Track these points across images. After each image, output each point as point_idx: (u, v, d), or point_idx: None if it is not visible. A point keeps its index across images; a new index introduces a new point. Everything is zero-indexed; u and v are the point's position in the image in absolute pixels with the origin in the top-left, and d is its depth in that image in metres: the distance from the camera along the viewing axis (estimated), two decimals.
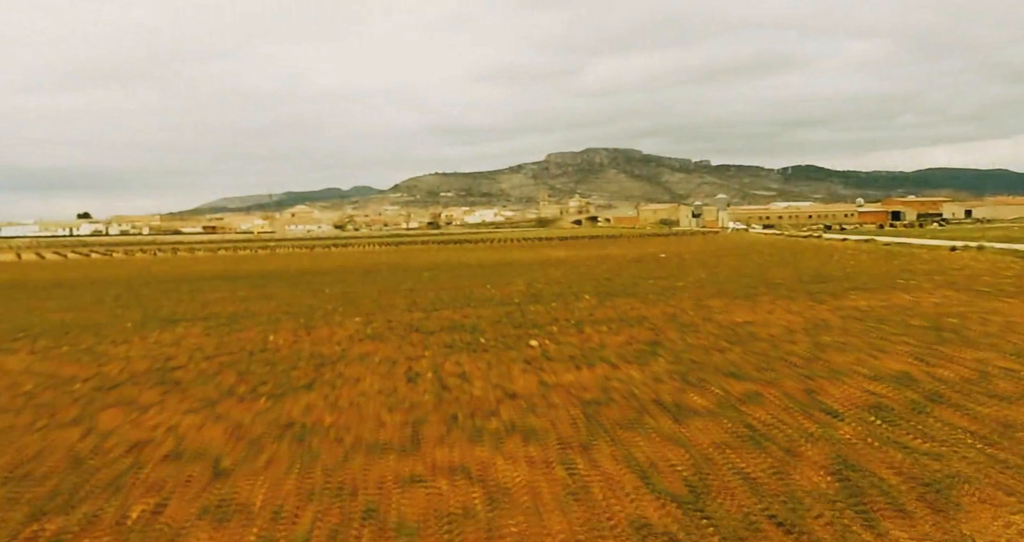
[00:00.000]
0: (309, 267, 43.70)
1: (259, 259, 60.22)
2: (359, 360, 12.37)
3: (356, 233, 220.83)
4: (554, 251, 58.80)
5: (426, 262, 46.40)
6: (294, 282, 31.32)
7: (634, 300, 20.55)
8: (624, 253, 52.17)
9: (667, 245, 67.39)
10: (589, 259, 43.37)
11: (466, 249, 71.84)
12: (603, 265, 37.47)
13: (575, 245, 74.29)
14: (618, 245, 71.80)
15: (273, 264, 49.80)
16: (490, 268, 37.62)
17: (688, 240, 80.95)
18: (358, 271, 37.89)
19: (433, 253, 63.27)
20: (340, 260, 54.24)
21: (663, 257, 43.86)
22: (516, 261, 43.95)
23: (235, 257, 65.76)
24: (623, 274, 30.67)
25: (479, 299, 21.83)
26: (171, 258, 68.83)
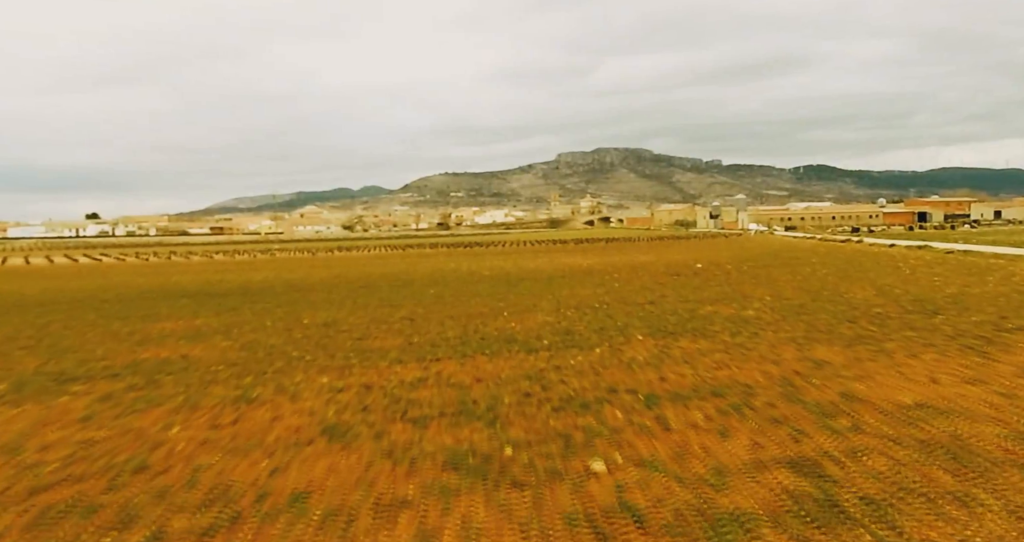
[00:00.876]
0: (301, 279, 38.29)
1: (253, 266, 54.89)
2: (289, 510, 6.85)
3: (365, 234, 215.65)
4: (573, 258, 53.18)
5: (432, 271, 40.93)
6: (274, 303, 25.89)
7: (705, 342, 14.98)
8: (652, 261, 46.55)
9: (694, 250, 61.70)
10: (617, 270, 37.75)
11: (476, 254, 66.31)
12: (636, 279, 31.87)
13: (594, 250, 68.69)
14: (640, 250, 66.14)
15: (264, 273, 44.44)
16: (505, 282, 32.07)
17: (713, 244, 75.19)
18: (354, 285, 32.43)
19: (441, 259, 57.78)
20: (339, 268, 48.84)
21: (700, 267, 38.25)
22: (534, 272, 38.37)
23: (228, 264, 60.47)
24: (666, 293, 25.07)
25: (495, 338, 16.31)
26: (161, 264, 63.60)
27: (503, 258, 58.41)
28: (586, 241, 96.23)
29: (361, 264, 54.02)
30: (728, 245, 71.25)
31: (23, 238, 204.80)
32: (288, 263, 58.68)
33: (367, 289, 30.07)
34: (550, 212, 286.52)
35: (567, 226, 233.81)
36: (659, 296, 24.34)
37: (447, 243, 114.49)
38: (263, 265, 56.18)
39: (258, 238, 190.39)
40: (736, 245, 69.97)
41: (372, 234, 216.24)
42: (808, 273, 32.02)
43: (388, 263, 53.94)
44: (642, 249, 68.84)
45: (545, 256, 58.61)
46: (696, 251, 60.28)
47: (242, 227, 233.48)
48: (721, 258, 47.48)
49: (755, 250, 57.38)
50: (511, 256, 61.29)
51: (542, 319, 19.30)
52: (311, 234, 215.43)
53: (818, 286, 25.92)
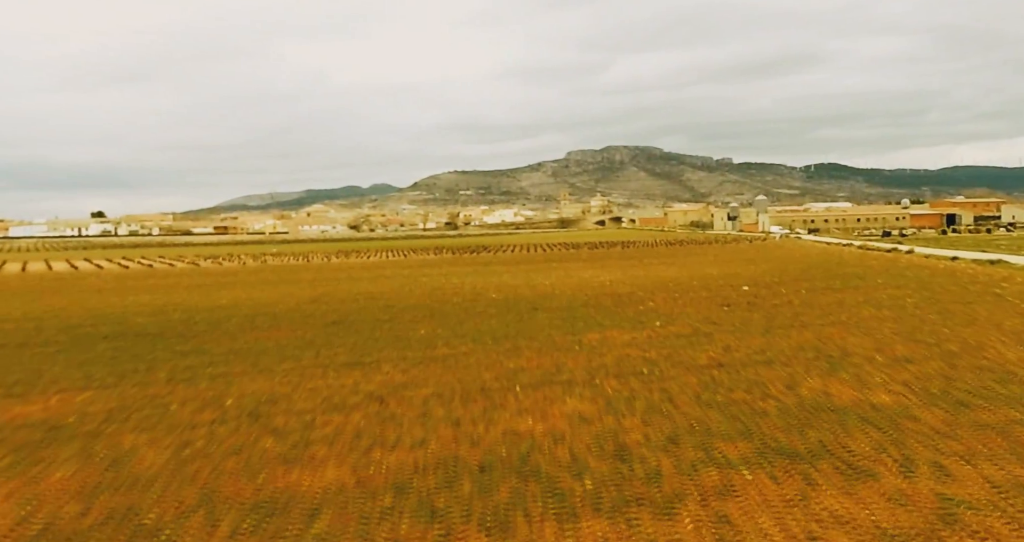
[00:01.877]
0: (271, 305, 31.92)
1: (231, 280, 48.62)
2: None
3: (371, 234, 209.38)
4: (591, 270, 46.60)
5: (430, 292, 34.47)
6: (211, 355, 19.55)
7: (864, 488, 8.54)
8: (684, 278, 39.99)
9: (724, 260, 55.05)
10: (648, 293, 31.12)
11: (484, 263, 59.83)
12: (679, 311, 25.31)
13: (611, 258, 62.03)
14: (662, 258, 59.48)
15: (236, 293, 38.11)
16: (515, 313, 25.57)
17: (741, 251, 68.47)
18: (329, 319, 26.03)
19: (444, 269, 51.36)
20: (326, 284, 42.51)
21: (747, 291, 31.70)
22: (550, 296, 31.83)
23: (207, 276, 54.21)
24: (731, 343, 18.56)
25: (502, 465, 9.89)
26: (135, 275, 57.41)
27: (513, 269, 51.93)
28: (600, 245, 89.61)
29: (353, 277, 47.67)
30: (759, 253, 64.54)
31: (25, 237, 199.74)
32: (274, 275, 52.36)
33: (342, 327, 23.61)
34: (560, 211, 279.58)
35: (578, 226, 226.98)
36: (724, 350, 17.82)
37: (454, 246, 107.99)
38: (244, 278, 49.91)
39: (261, 238, 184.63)
40: (768, 253, 63.24)
41: (378, 234, 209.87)
42: (892, 304, 25.43)
43: (384, 276, 47.52)
44: (664, 257, 62.23)
45: (559, 268, 52.08)
46: (727, 261, 53.64)
47: (248, 226, 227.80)
48: (763, 274, 40.88)
49: (795, 261, 50.67)
50: (522, 267, 54.80)
51: (573, 407, 12.79)
52: (316, 234, 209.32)
53: (930, 333, 19.34)
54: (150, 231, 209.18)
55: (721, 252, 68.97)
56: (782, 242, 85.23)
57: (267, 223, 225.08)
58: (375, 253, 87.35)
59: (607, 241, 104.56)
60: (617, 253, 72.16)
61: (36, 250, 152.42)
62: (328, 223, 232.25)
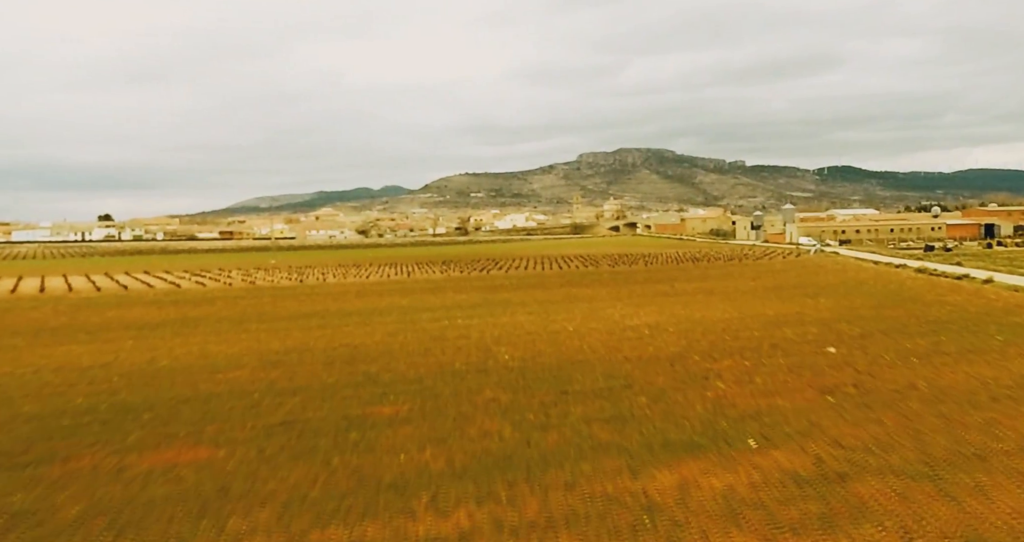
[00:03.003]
0: (223, 367, 24.73)
1: (201, 314, 41.56)
2: None
3: (379, 240, 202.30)
4: (623, 308, 39.02)
5: (425, 350, 27.12)
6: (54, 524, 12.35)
7: None
8: (738, 319, 32.52)
9: (768, 286, 47.46)
10: (712, 359, 23.59)
11: (494, 291, 52.41)
12: (776, 414, 17.86)
13: (638, 282, 54.44)
14: (698, 284, 51.90)
15: (188, 345, 30.92)
16: (537, 414, 18.07)
17: (777, 271, 60.74)
18: (280, 408, 18.77)
19: (448, 304, 44.09)
20: (304, 329, 35.37)
21: (834, 354, 24.25)
22: (579, 359, 24.40)
23: (180, 304, 47.12)
24: (916, 514, 11.18)
25: None
26: (105, 300, 50.40)
27: (527, 298, 44.59)
28: (621, 260, 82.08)
29: (343, 314, 40.48)
30: (803, 276, 56.87)
31: (27, 242, 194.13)
32: (252, 306, 45.21)
33: (290, 437, 16.23)
34: (572, 215, 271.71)
35: (591, 232, 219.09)
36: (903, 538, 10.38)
37: (463, 257, 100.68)
38: (216, 312, 42.84)
39: (266, 244, 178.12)
40: (815, 277, 55.53)
41: (386, 240, 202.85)
42: None
43: (378, 311, 40.20)
44: (698, 280, 54.67)
45: (582, 298, 44.66)
46: (774, 290, 46.06)
47: (254, 231, 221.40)
48: (831, 315, 33.34)
49: (856, 292, 43.02)
50: (537, 294, 47.43)
51: None
52: (323, 240, 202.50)
53: None
54: (154, 236, 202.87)
55: (759, 273, 61.32)
56: (819, 259, 77.42)
57: (274, 228, 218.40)
58: (378, 269, 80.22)
59: (627, 254, 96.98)
60: (642, 273, 64.60)
61: (32, 258, 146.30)
62: (336, 228, 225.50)
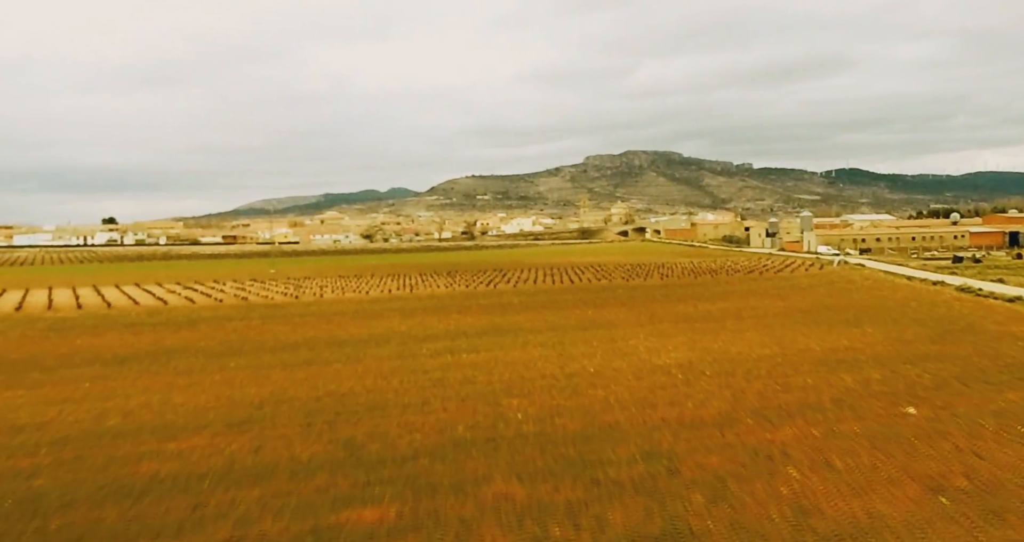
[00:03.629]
0: (176, 433, 20.66)
1: (177, 344, 37.52)
2: None
3: (384, 245, 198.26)
4: (648, 339, 34.73)
5: (423, 401, 22.93)
6: None
7: None
8: (782, 357, 28.27)
9: (802, 310, 43.13)
10: (769, 422, 19.37)
11: (502, 312, 48.13)
12: (878, 535, 13.67)
13: (657, 300, 50.12)
14: (722, 304, 47.60)
15: (148, 392, 26.86)
16: (565, 530, 13.92)
17: (804, 287, 56.29)
18: (245, 476, 14.70)
19: (451, 330, 39.91)
20: (286, 368, 31.29)
21: (915, 416, 19.98)
22: (611, 429, 20.15)
23: (159, 329, 43.06)
24: None
25: None
26: (78, 325, 46.39)
27: (538, 322, 40.42)
28: (635, 272, 77.73)
29: (333, 344, 36.34)
30: (835, 295, 52.47)
31: (27, 246, 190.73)
32: (237, 332, 41.11)
33: None
34: (579, 219, 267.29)
35: (599, 236, 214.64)
36: None
37: (469, 266, 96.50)
38: (196, 342, 38.80)
39: (269, 249, 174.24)
40: (848, 297, 51.10)
41: (392, 245, 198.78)
42: None
43: (373, 341, 35.99)
44: (721, 299, 50.36)
45: (599, 323, 40.41)
46: (810, 314, 41.70)
47: (258, 235, 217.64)
48: (886, 351, 29.05)
49: (901, 317, 38.65)
50: (548, 317, 43.20)
51: None
52: (328, 244, 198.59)
53: None
54: (157, 240, 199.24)
55: (785, 290, 56.91)
56: (844, 272, 72.96)
57: (277, 232, 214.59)
58: (379, 281, 76.10)
59: (639, 264, 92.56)
60: (659, 289, 60.25)
61: (31, 264, 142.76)
62: (341, 232, 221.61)
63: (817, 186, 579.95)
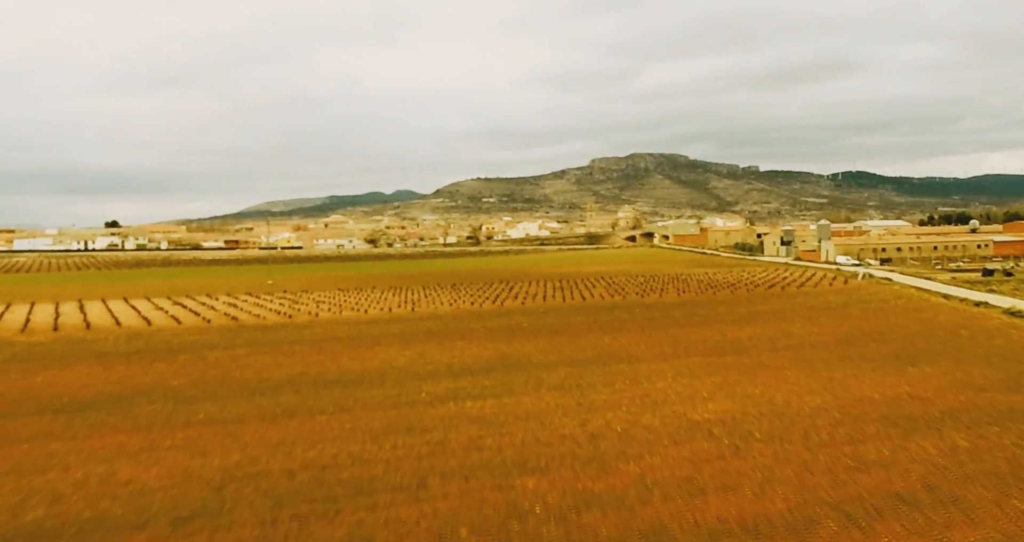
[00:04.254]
0: (123, 504, 16.55)
1: (142, 385, 33.40)
2: None
3: (388, 250, 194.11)
4: (676, 381, 30.43)
5: (418, 483, 18.81)
6: None
7: None
8: (838, 409, 24.04)
9: (842, 339, 38.80)
10: (856, 530, 15.23)
11: (511, 335, 43.85)
12: None
13: (678, 325, 45.80)
14: (752, 330, 43.30)
15: (83, 469, 22.72)
16: None
17: (832, 307, 51.87)
18: None
19: (454, 363, 35.69)
20: (262, 422, 27.15)
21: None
22: (660, 534, 16.04)
23: (134, 362, 38.93)
24: None
25: None
26: (44, 348, 42.30)
27: (551, 353, 36.21)
28: (649, 287, 73.40)
29: (308, 399, 32.20)
30: (876, 319, 48.05)
31: (27, 251, 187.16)
32: (218, 366, 36.99)
33: None
34: (586, 224, 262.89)
35: (607, 242, 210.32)
36: None
37: (474, 276, 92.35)
38: (167, 381, 34.73)
39: (271, 255, 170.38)
40: (889, 320, 46.66)
41: (396, 250, 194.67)
42: None
43: (362, 382, 31.82)
44: (748, 323, 46.08)
45: (621, 357, 36.15)
46: (853, 346, 37.36)
47: (261, 239, 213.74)
48: (962, 405, 24.74)
49: (970, 356, 34.22)
50: (563, 349, 38.97)
51: None
52: (331, 250, 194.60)
53: None
54: (158, 245, 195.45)
55: (815, 310, 52.49)
56: (873, 288, 68.48)
57: (280, 237, 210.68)
58: (380, 295, 71.95)
59: (651, 275, 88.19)
60: (677, 308, 55.89)
61: (27, 271, 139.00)
62: (345, 236, 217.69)
63: (824, 189, 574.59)
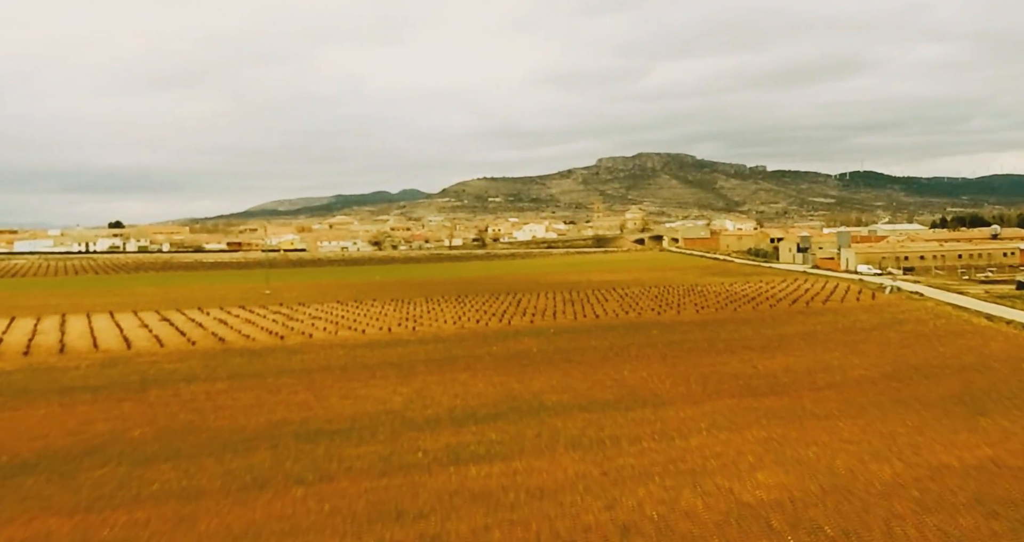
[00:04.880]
0: None
1: (101, 432, 29.20)
2: None
3: (392, 253, 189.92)
4: (714, 436, 26.04)
5: None
6: None
7: None
8: (913, 477, 19.66)
9: (901, 378, 34.36)
10: None
11: (521, 354, 39.48)
12: None
13: (703, 351, 41.41)
14: (783, 356, 38.89)
15: None
16: None
17: (864, 323, 47.37)
18: None
19: (459, 404, 31.35)
20: (235, 496, 22.91)
21: None
22: None
23: (105, 390, 34.62)
24: None
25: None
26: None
27: (564, 395, 31.93)
28: (665, 302, 68.98)
29: (286, 461, 27.99)
30: (921, 346, 43.53)
31: (27, 253, 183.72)
32: (179, 419, 32.72)
33: None
34: (593, 226, 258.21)
35: (615, 244, 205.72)
36: None
37: (480, 287, 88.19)
38: (123, 445, 30.56)
39: (274, 258, 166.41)
40: (935, 349, 42.12)
41: (400, 253, 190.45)
42: None
43: (350, 433, 27.51)
44: (779, 350, 41.68)
45: (645, 399, 31.77)
46: (904, 383, 32.91)
47: (264, 241, 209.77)
48: None
49: None
50: (577, 385, 34.63)
51: None
52: (335, 252, 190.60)
53: None
54: (160, 247, 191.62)
55: (849, 332, 47.98)
56: (905, 304, 63.87)
57: (284, 238, 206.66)
58: (381, 308, 67.74)
59: (666, 285, 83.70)
60: (698, 330, 51.42)
61: (23, 275, 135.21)
62: (349, 238, 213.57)
63: (831, 189, 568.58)
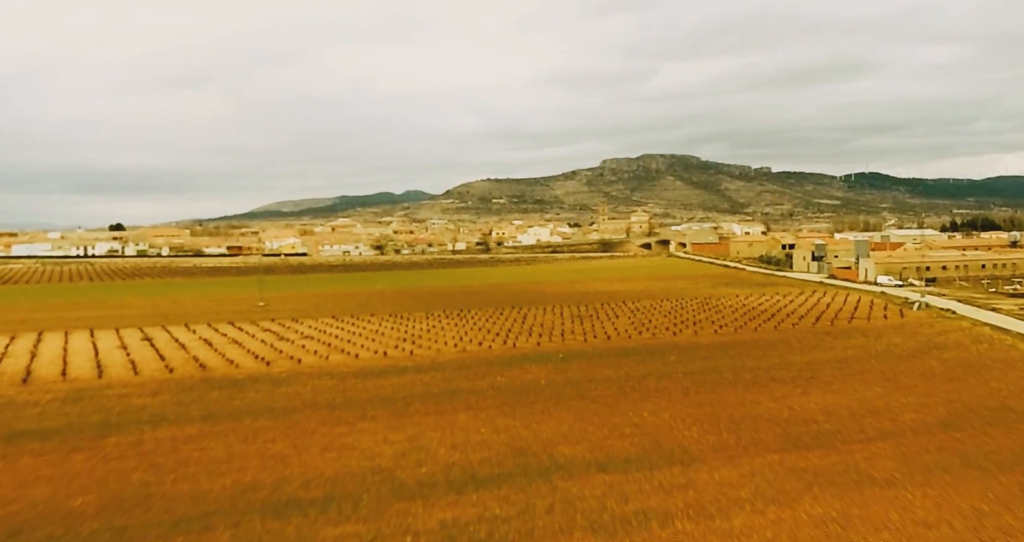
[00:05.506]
0: None
1: None
2: None
3: (395, 258, 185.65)
4: (772, 517, 21.79)
5: None
6: None
7: None
8: None
9: (937, 412, 30.02)
10: None
11: (527, 388, 35.12)
12: None
13: (727, 384, 36.99)
14: (817, 392, 34.55)
15: None
16: None
17: (900, 350, 42.96)
18: None
19: (459, 460, 27.06)
20: None
21: None
22: None
23: (43, 455, 30.42)
24: None
25: None
26: None
27: (579, 448, 27.63)
28: (680, 319, 64.60)
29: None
30: (973, 381, 39.11)
31: (24, 257, 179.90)
32: (125, 489, 28.51)
33: None
34: (599, 229, 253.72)
35: (621, 249, 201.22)
36: None
37: (483, 300, 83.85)
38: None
39: (274, 262, 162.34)
40: (989, 385, 37.65)
41: (403, 257, 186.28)
42: None
43: (326, 507, 23.24)
44: (812, 384, 37.34)
45: (676, 462, 27.48)
46: (969, 436, 28.54)
47: (267, 244, 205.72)
48: None
49: None
50: (592, 432, 30.32)
51: None
52: (336, 256, 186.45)
53: None
54: (159, 251, 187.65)
55: (887, 364, 43.56)
56: (939, 324, 59.35)
57: (286, 242, 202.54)
58: (378, 326, 63.50)
59: (680, 299, 79.20)
60: (720, 353, 47.02)
61: (15, 283, 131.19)
62: (352, 241, 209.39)
63: (837, 190, 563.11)
